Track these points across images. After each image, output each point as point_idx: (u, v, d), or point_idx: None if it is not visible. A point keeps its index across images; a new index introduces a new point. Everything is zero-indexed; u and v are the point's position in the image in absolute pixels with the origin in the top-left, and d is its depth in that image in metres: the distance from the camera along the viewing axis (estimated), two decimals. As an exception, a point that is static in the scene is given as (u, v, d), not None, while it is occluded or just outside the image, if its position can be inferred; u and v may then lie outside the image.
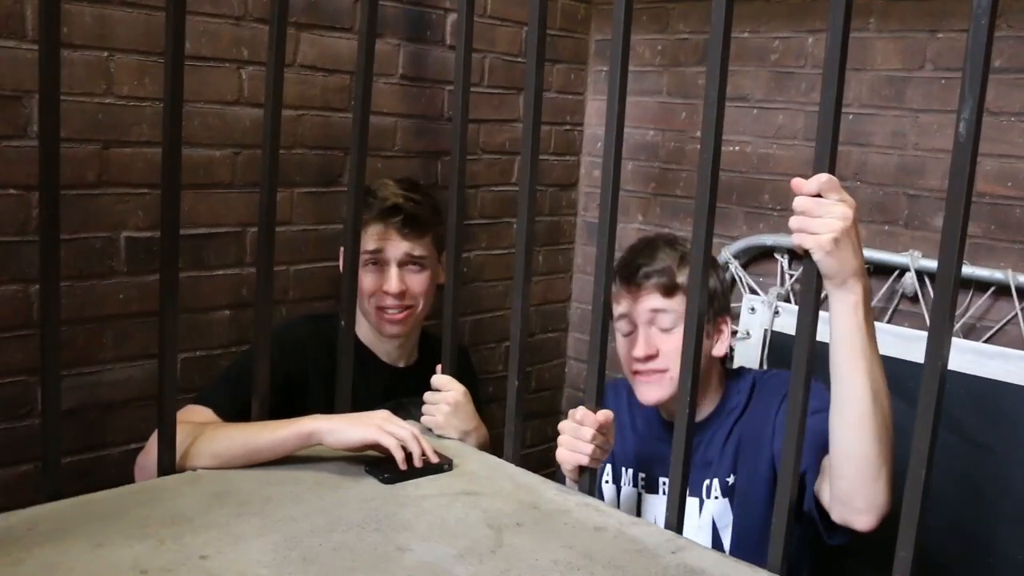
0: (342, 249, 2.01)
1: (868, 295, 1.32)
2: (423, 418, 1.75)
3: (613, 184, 1.45)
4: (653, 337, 1.74)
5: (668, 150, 2.66)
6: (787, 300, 2.38)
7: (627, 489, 1.85)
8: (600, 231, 1.48)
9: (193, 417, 1.69)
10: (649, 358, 1.74)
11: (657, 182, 2.68)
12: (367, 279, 1.96)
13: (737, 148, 2.48)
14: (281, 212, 1.97)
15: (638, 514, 1.83)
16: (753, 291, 2.43)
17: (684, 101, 2.62)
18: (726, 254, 2.43)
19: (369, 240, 1.95)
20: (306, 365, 1.90)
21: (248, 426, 1.56)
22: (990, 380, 2.02)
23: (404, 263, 1.96)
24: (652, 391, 1.74)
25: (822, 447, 1.46)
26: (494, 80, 2.54)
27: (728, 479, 1.74)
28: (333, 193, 2.22)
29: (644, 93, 2.67)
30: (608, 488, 1.87)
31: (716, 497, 1.74)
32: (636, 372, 1.76)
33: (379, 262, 1.96)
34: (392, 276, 1.94)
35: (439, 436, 1.72)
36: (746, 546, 1.69)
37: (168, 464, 1.48)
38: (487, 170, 2.58)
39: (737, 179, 2.48)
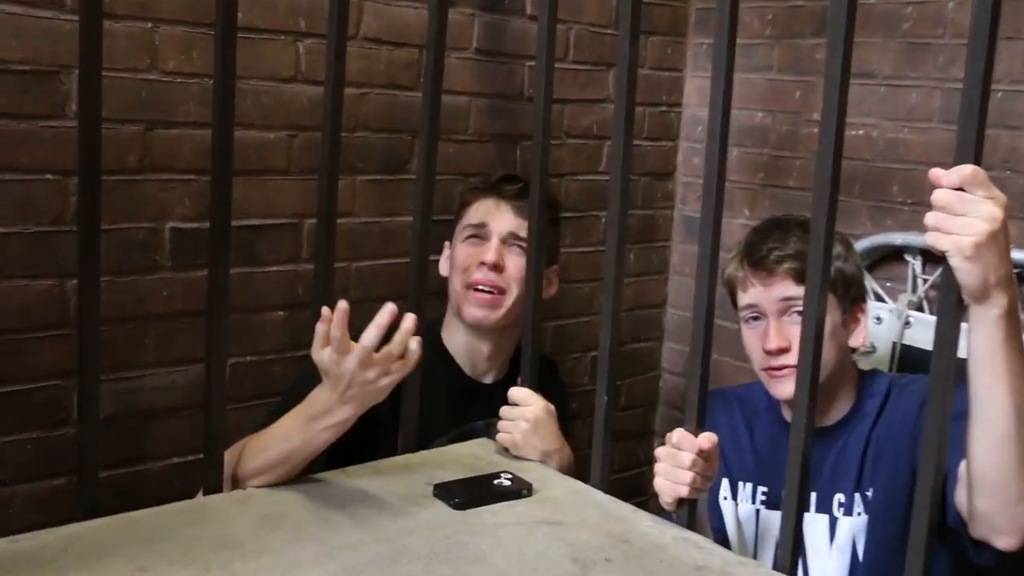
0: (447, 245, 2.04)
1: (1015, 307, 1.29)
2: (499, 436, 1.75)
3: (718, 173, 1.44)
4: (785, 328, 1.76)
5: (779, 135, 2.63)
6: (919, 309, 2.34)
7: (745, 506, 1.87)
8: (702, 227, 1.46)
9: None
10: (781, 351, 1.75)
11: (766, 171, 2.66)
12: (463, 253, 1.99)
13: (861, 132, 2.44)
14: (342, 202, 1.98)
15: (758, 534, 1.83)
16: (879, 298, 2.39)
17: (798, 78, 2.59)
18: (847, 254, 2.40)
19: (474, 213, 2.00)
20: None
21: (276, 426, 1.56)
22: None
23: (508, 241, 1.98)
24: (785, 384, 1.75)
25: (964, 454, 1.45)
26: (580, 54, 2.54)
27: (868, 492, 1.75)
28: (399, 181, 2.23)
29: (752, 69, 2.64)
30: (727, 505, 1.88)
31: (859, 514, 1.75)
32: (767, 367, 1.77)
33: (480, 236, 1.99)
34: (492, 247, 1.97)
35: (516, 457, 1.73)
36: (884, 569, 1.69)
37: (215, 483, 1.51)
38: (572, 157, 2.58)
39: (861, 168, 2.44)
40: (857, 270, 1.83)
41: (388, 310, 1.41)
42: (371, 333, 1.41)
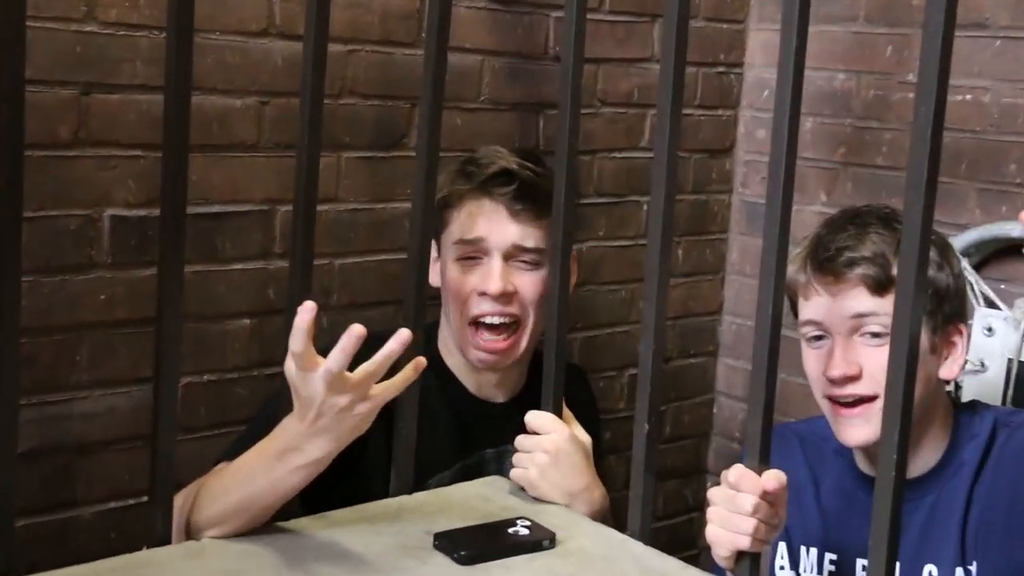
0: (433, 246, 2.03)
1: None
2: (513, 472, 1.75)
3: (787, 149, 1.43)
4: (855, 350, 1.74)
5: (865, 101, 2.62)
6: (1041, 317, 2.33)
7: None
8: (768, 216, 1.46)
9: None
10: (849, 379, 1.73)
11: (849, 146, 2.65)
12: (456, 277, 1.96)
13: (969, 97, 2.44)
14: (324, 184, 1.98)
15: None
16: (991, 303, 2.38)
17: (890, 31, 2.58)
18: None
19: (465, 223, 1.95)
20: None
21: (240, 463, 1.56)
22: None
23: (512, 256, 1.95)
24: (856, 428, 1.74)
25: None
26: (618, 3, 2.54)
27: (971, 567, 1.72)
28: (394, 159, 2.24)
29: (832, 20, 2.65)
30: (785, 576, 1.86)
31: None
32: (832, 399, 1.76)
33: (477, 254, 1.96)
34: (495, 270, 1.94)
35: (535, 499, 1.72)
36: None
37: (162, 533, 1.50)
38: (608, 129, 2.57)
39: (968, 142, 2.44)
40: (955, 281, 1.80)
41: (354, 334, 1.37)
42: (336, 358, 1.38)
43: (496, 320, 1.94)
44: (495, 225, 1.94)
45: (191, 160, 1.50)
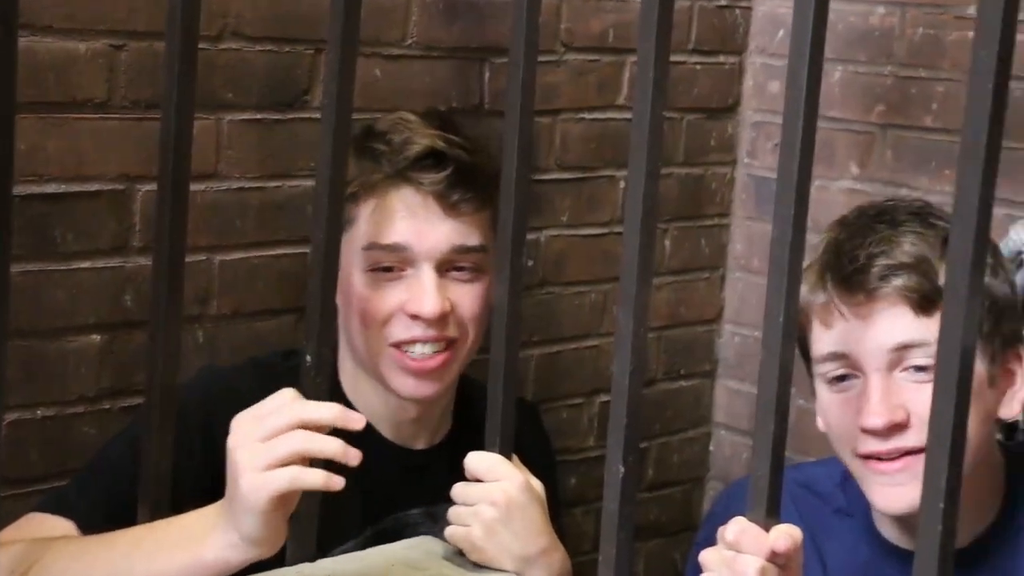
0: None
1: None
2: (449, 532, 1.75)
3: (807, 107, 1.44)
4: (899, 391, 1.74)
5: (911, 43, 2.65)
6: None
7: None
8: (781, 194, 1.47)
9: (36, 533, 1.71)
10: (894, 429, 1.73)
11: (889, 103, 2.68)
12: (368, 296, 1.97)
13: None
14: (200, 156, 1.98)
15: None
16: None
17: (940, -48, 2.61)
18: (1018, 237, 2.40)
19: (379, 223, 1.96)
20: None
21: (113, 543, 1.58)
22: None
23: (447, 264, 1.97)
24: (899, 489, 1.74)
25: None
26: (585, -82, 2.57)
27: None
28: (293, 123, 2.24)
29: (865, -62, 2.68)
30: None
31: None
32: (868, 456, 1.76)
33: (397, 264, 1.97)
34: (427, 285, 1.95)
35: (479, 566, 1.72)
36: None
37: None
38: (573, 82, 2.59)
39: (1046, 97, 2.46)
40: (1011, 290, 1.82)
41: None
42: None
43: (428, 349, 1.96)
44: (425, 226, 1.95)
45: (18, 124, 1.50)
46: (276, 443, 1.50)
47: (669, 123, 2.70)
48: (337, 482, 1.51)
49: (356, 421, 1.55)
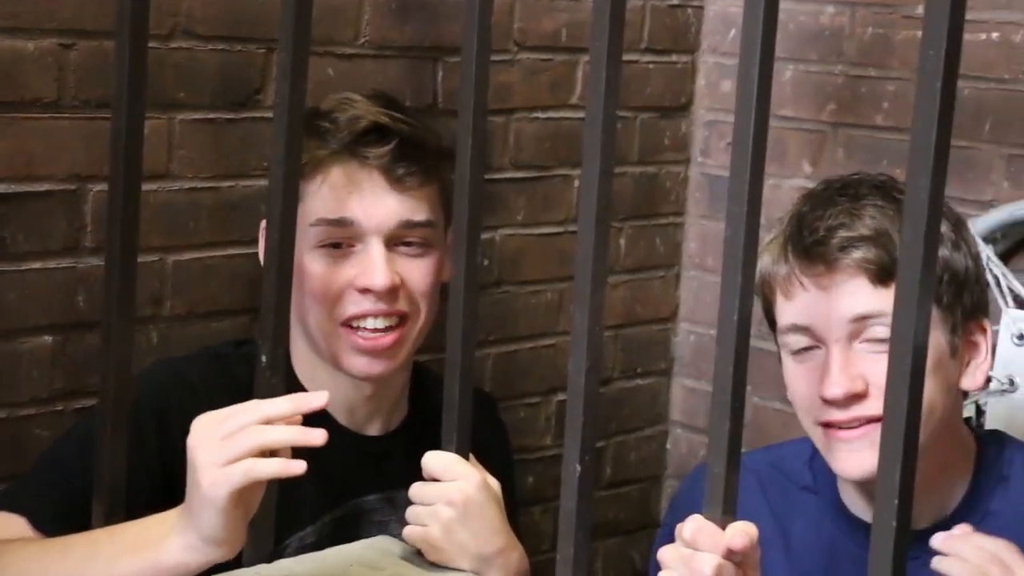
0: (264, 224, 2.02)
1: None
2: (406, 531, 1.75)
3: (758, 106, 1.44)
4: (858, 361, 1.76)
5: (862, 42, 2.66)
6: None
7: None
8: (733, 192, 1.47)
9: None
10: (853, 399, 1.75)
11: (839, 102, 2.69)
12: (318, 272, 1.98)
13: (996, 36, 2.47)
14: (151, 157, 1.98)
15: None
16: (1021, 303, 2.41)
17: (891, -49, 2.62)
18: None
19: (327, 198, 1.97)
20: None
21: (71, 546, 1.58)
22: None
23: (396, 238, 1.98)
24: (858, 455, 1.75)
25: None
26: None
27: None
28: (246, 122, 2.24)
29: (817, -64, 2.68)
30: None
31: None
32: (826, 423, 1.77)
33: (346, 240, 1.98)
34: (376, 259, 1.96)
35: (435, 566, 1.72)
36: None
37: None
38: (527, 81, 2.59)
39: (993, 94, 2.48)
40: (974, 263, 1.82)
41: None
42: None
43: (380, 323, 1.96)
44: (371, 200, 1.96)
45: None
46: (235, 439, 1.50)
47: (623, 122, 2.70)
48: (297, 466, 1.50)
49: (315, 400, 1.55)
